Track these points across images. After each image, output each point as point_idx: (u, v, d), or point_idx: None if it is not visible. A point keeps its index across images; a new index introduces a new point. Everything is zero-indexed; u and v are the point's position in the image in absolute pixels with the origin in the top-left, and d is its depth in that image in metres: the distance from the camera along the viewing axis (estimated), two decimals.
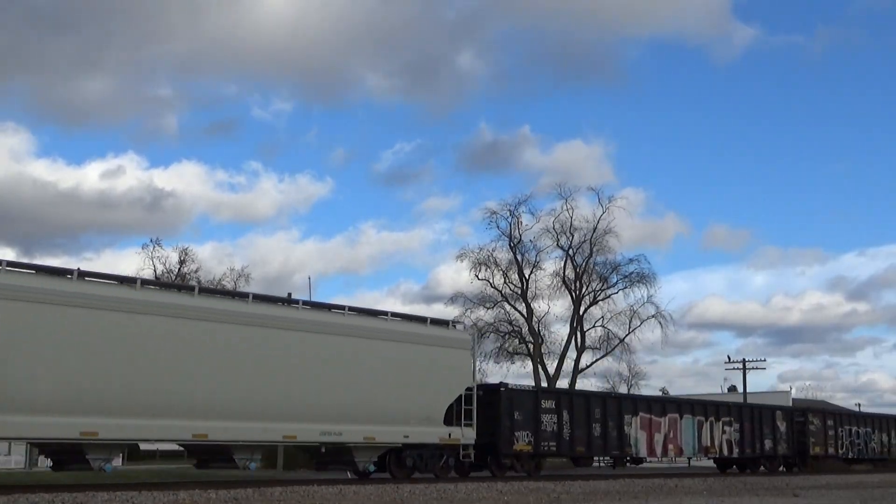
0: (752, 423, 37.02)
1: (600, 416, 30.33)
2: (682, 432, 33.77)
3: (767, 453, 37.79)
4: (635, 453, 31.67)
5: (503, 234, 58.69)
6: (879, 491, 25.49)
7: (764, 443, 37.59)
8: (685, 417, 34.16)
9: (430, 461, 24.93)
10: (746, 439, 36.71)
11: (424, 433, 24.33)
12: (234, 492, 18.18)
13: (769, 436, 37.91)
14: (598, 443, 30.34)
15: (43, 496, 15.98)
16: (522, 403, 27.91)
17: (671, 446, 33.32)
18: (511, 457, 27.71)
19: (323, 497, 18.57)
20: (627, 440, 31.33)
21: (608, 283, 59.51)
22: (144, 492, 17.34)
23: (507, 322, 58.92)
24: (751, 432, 36.94)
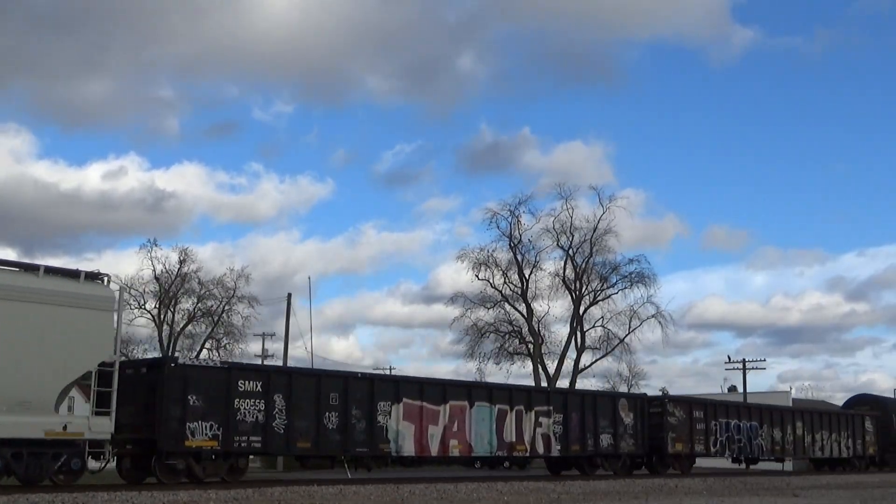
0: (581, 415, 29.91)
1: (339, 403, 23.41)
2: (473, 425, 26.59)
3: (605, 451, 30.66)
4: (396, 451, 24.53)
5: (503, 234, 58.60)
6: (879, 491, 25.50)
7: (600, 438, 30.47)
8: (478, 406, 26.93)
9: (36, 464, 18.07)
10: (574, 434, 29.56)
11: (14, 425, 17.57)
12: (234, 492, 18.18)
13: (608, 430, 30.77)
14: (335, 437, 23.21)
15: (43, 496, 15.98)
16: (204, 384, 21.18)
17: (455, 442, 26.08)
18: (184, 456, 20.95)
19: (323, 497, 18.57)
20: (383, 434, 24.24)
21: (608, 283, 59.38)
22: (144, 492, 17.34)
23: (507, 322, 58.83)
24: (580, 425, 29.80)
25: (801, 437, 40.03)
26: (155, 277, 60.09)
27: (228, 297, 60.81)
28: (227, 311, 60.77)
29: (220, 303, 61.04)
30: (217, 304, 61.06)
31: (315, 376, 24.24)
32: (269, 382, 22.46)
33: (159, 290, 60.31)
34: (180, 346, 60.78)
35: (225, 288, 60.88)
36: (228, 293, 60.76)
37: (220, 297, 60.97)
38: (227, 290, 60.77)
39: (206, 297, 61.14)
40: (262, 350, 62.37)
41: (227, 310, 60.76)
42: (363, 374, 26.02)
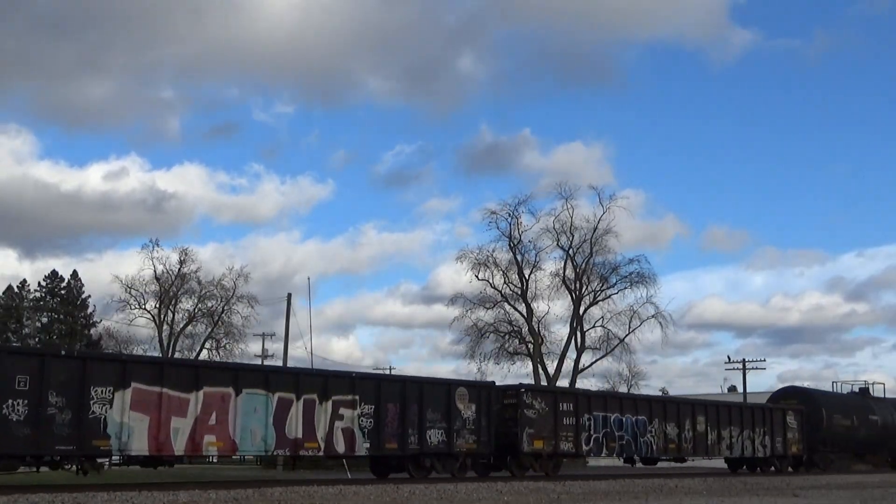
0: (401, 406, 25.00)
1: (30, 388, 18.68)
2: (240, 417, 21.81)
3: (434, 449, 25.67)
4: (119, 448, 19.89)
5: (503, 234, 58.67)
6: (879, 491, 25.50)
7: (427, 434, 25.52)
8: (247, 394, 22.09)
9: None
10: (390, 429, 24.75)
11: None
12: (234, 492, 18.19)
13: (440, 424, 25.83)
14: (21, 432, 18.56)
15: (43, 496, 15.99)
16: None
17: (211, 438, 21.29)
18: None
19: (323, 497, 18.58)
20: (99, 427, 19.57)
21: (608, 284, 59.47)
22: (144, 492, 17.35)
23: (507, 322, 58.89)
24: (399, 418, 24.96)
25: (703, 433, 34.76)
26: (155, 278, 60.28)
27: (228, 297, 60.93)
28: (226, 312, 60.88)
29: (220, 303, 61.15)
30: (217, 304, 61.17)
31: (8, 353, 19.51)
32: None
33: (159, 290, 60.43)
34: (180, 346, 60.89)
35: (224, 288, 61.04)
36: (228, 293, 60.91)
37: (219, 297, 61.10)
38: (227, 291, 60.94)
39: (206, 298, 61.27)
40: (263, 350, 62.48)
41: (227, 310, 60.87)
42: (69, 352, 20.67)
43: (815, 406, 41.06)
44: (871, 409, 44.31)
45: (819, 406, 41.16)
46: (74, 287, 72.28)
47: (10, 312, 69.64)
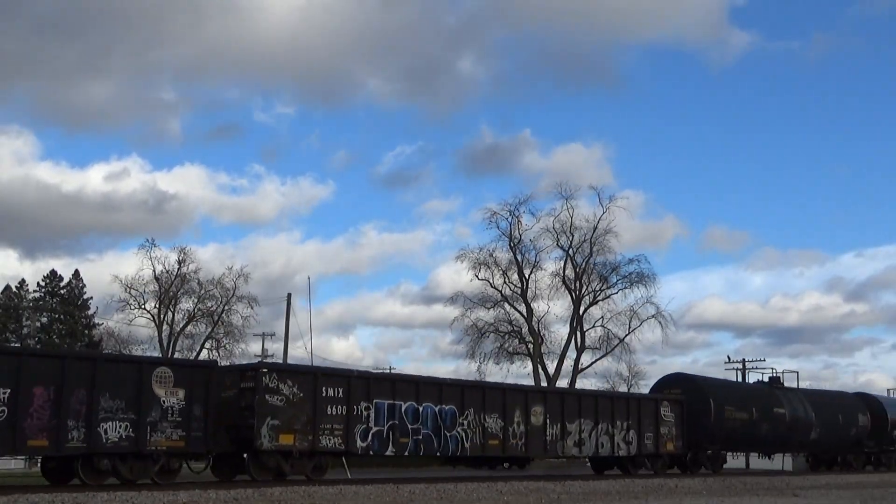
0: (56, 390, 19.19)
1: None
2: None
3: (112, 448, 19.83)
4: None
5: (503, 234, 58.64)
6: (879, 491, 25.52)
7: (100, 429, 19.66)
8: None
9: None
10: (35, 420, 18.92)
11: None
12: (234, 492, 18.18)
13: (123, 415, 20.00)
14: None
15: (43, 496, 15.99)
16: None
17: None
18: None
19: (323, 497, 18.58)
20: None
21: (608, 283, 59.46)
22: (144, 492, 17.35)
23: (507, 322, 58.86)
24: (52, 407, 19.14)
25: (540, 427, 28.52)
26: (155, 278, 60.22)
27: (228, 297, 60.91)
28: (226, 312, 60.85)
29: (220, 303, 61.13)
30: (217, 304, 61.16)
31: None
32: None
33: (159, 290, 60.40)
34: (180, 347, 60.88)
35: (224, 288, 61.01)
36: (228, 293, 60.88)
37: (219, 297, 61.08)
38: (227, 291, 60.90)
39: (205, 298, 61.24)
40: (262, 350, 62.40)
41: (227, 310, 60.85)
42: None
43: (700, 396, 34.36)
44: (778, 400, 38.45)
45: (706, 396, 34.46)
46: (75, 287, 72.27)
47: (9, 313, 69.64)
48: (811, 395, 41.49)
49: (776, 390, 39.79)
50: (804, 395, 40.88)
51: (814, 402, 40.36)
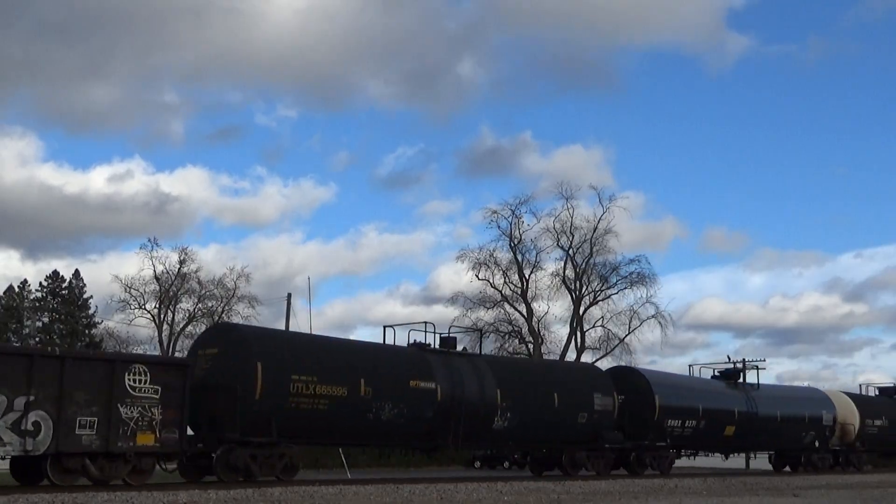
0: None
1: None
2: None
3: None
4: None
5: (504, 233, 58.66)
6: (879, 491, 25.53)
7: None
8: None
9: None
10: None
11: None
12: (234, 492, 18.19)
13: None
14: None
15: (43, 496, 16.00)
16: None
17: None
18: None
19: (323, 497, 18.60)
20: None
21: (608, 284, 59.48)
22: (144, 492, 17.36)
23: (507, 322, 58.87)
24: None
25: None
26: (155, 277, 60.22)
27: (228, 297, 60.93)
28: (227, 312, 60.85)
29: (220, 303, 61.16)
30: (217, 304, 61.17)
31: None
32: None
33: (159, 290, 60.42)
34: (180, 347, 60.86)
35: (225, 288, 61.03)
36: (228, 293, 60.90)
37: (220, 297, 61.10)
38: (227, 291, 60.91)
39: (206, 298, 61.26)
40: None
41: (227, 310, 60.85)
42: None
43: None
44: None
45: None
46: (76, 287, 72.27)
47: (10, 312, 69.63)
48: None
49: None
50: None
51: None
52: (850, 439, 41.97)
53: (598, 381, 31.27)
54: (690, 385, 36.30)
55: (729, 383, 37.57)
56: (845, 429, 41.59)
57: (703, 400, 34.91)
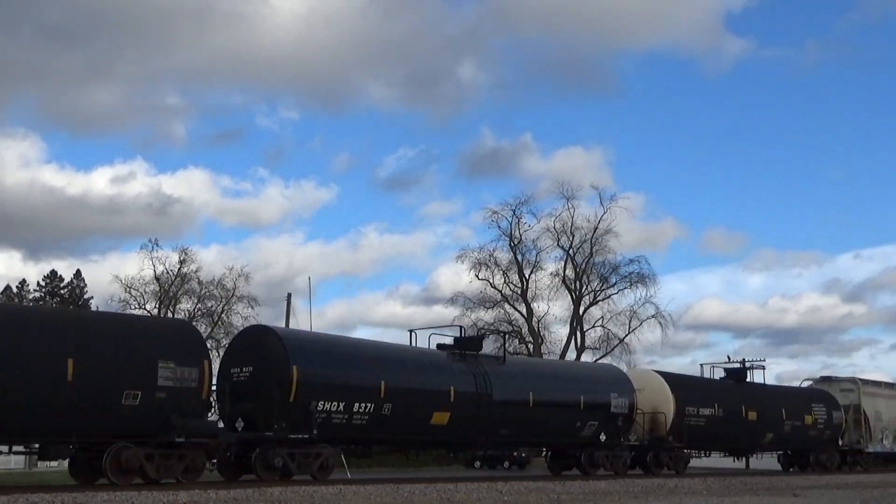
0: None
1: None
2: None
3: None
4: None
5: (504, 233, 58.80)
6: (879, 491, 25.52)
7: None
8: None
9: None
10: None
11: None
12: (234, 492, 18.17)
13: None
14: None
15: (43, 496, 15.99)
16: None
17: None
18: None
19: (323, 497, 18.58)
20: None
21: (608, 284, 59.60)
22: (144, 492, 17.34)
23: (507, 322, 58.99)
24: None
25: None
26: (155, 278, 60.34)
27: (228, 297, 60.98)
28: (226, 312, 60.90)
29: (220, 303, 61.20)
30: (217, 304, 61.22)
31: None
32: None
33: (159, 290, 60.46)
34: None
35: (225, 288, 61.10)
36: (228, 293, 60.96)
37: (219, 297, 61.16)
38: (227, 291, 60.99)
39: (205, 298, 61.33)
40: None
41: (227, 310, 60.90)
42: None
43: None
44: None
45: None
46: (76, 287, 72.32)
47: None
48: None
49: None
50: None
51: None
52: (662, 432, 32.21)
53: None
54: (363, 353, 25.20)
55: (453, 355, 27.43)
56: (655, 419, 31.98)
57: (389, 376, 24.61)
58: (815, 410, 39.28)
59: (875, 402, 42.75)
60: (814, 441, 39.41)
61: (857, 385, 42.57)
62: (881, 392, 44.13)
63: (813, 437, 39.27)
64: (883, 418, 43.11)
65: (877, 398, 43.16)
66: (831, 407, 40.20)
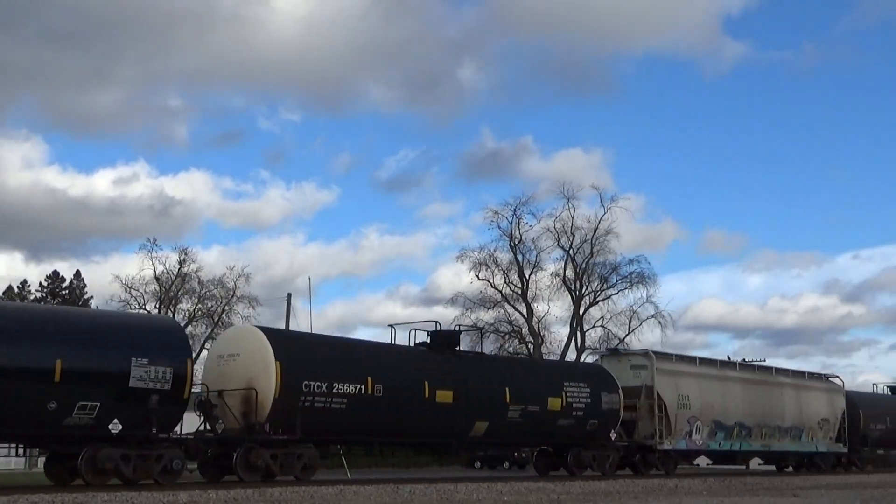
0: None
1: None
2: None
3: None
4: None
5: (504, 233, 58.75)
6: (879, 491, 25.54)
7: None
8: None
9: None
10: None
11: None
12: (234, 492, 18.18)
13: None
14: None
15: (43, 496, 15.99)
16: None
17: None
18: None
19: (323, 497, 18.59)
20: None
21: (608, 284, 59.54)
22: (144, 492, 17.34)
23: (507, 322, 58.92)
24: None
25: None
26: (155, 278, 60.23)
27: (228, 297, 60.95)
28: (226, 312, 60.86)
29: (220, 303, 61.18)
30: (217, 304, 61.20)
31: None
32: None
33: (159, 290, 60.42)
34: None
35: (225, 288, 61.05)
36: (228, 293, 60.92)
37: (220, 297, 61.13)
38: (227, 291, 60.94)
39: (206, 298, 61.29)
40: None
41: (227, 310, 60.86)
42: None
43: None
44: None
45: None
46: (77, 287, 72.31)
47: None
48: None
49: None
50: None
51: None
52: (256, 419, 21.79)
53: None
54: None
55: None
56: (247, 398, 21.99)
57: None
58: (570, 391, 28.69)
59: (679, 382, 32.49)
60: (569, 433, 28.88)
61: (651, 360, 32.11)
62: (690, 370, 33.63)
63: (566, 427, 28.62)
64: (692, 405, 32.67)
65: (682, 378, 32.77)
66: (602, 388, 29.74)
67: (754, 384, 36.51)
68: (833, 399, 40.95)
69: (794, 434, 37.88)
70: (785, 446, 37.62)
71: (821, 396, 40.19)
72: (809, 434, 38.70)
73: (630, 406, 30.74)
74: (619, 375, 30.99)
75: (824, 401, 40.25)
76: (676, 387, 32.22)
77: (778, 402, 37.32)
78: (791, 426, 37.71)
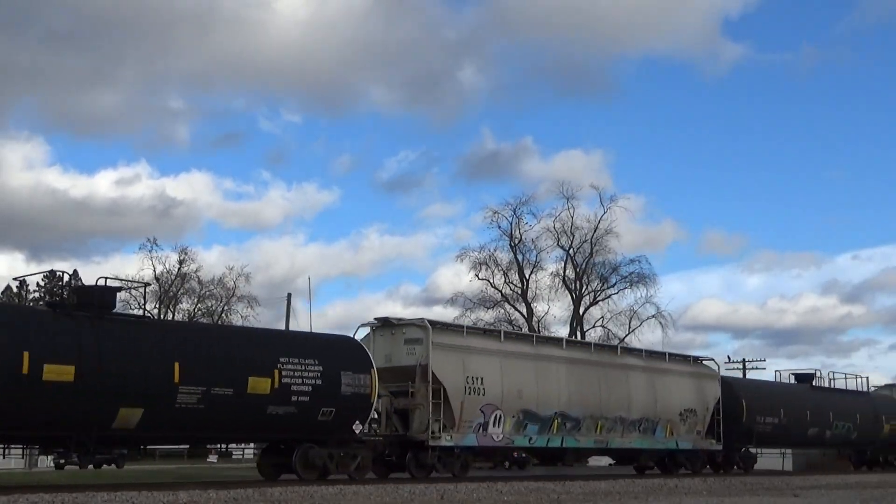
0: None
1: None
2: None
3: None
4: None
5: (504, 233, 58.82)
6: (879, 491, 25.53)
7: None
8: None
9: None
10: None
11: None
12: (233, 492, 18.17)
13: None
14: None
15: (43, 496, 15.99)
16: None
17: None
18: None
19: (323, 497, 18.57)
20: None
21: (608, 284, 59.61)
22: (144, 492, 17.34)
23: (507, 322, 58.92)
24: None
25: None
26: (155, 277, 60.28)
27: (228, 296, 61.04)
28: (226, 311, 60.93)
29: (220, 303, 61.24)
30: (217, 303, 61.26)
31: None
32: None
33: (159, 290, 60.46)
34: None
35: (225, 288, 61.16)
36: (228, 293, 61.02)
37: (219, 297, 61.21)
38: (227, 290, 61.06)
39: (206, 297, 61.37)
40: None
41: (227, 310, 60.94)
42: None
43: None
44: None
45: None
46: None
47: None
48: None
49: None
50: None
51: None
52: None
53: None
54: None
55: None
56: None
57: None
58: (288, 369, 21.60)
59: (468, 361, 25.83)
60: (289, 426, 21.95)
61: (427, 332, 25.44)
62: (485, 346, 26.95)
63: (283, 417, 21.54)
64: (486, 389, 25.91)
65: (472, 355, 26.06)
66: (342, 365, 22.83)
67: (587, 366, 29.44)
68: (703, 386, 33.53)
69: (644, 428, 30.90)
70: (631, 443, 30.68)
71: (684, 382, 32.86)
72: (667, 428, 31.81)
73: (401, 391, 24.81)
74: (391, 351, 25.61)
75: (690, 388, 32.91)
76: (464, 366, 25.60)
77: (622, 388, 30.28)
78: (641, 418, 30.73)
